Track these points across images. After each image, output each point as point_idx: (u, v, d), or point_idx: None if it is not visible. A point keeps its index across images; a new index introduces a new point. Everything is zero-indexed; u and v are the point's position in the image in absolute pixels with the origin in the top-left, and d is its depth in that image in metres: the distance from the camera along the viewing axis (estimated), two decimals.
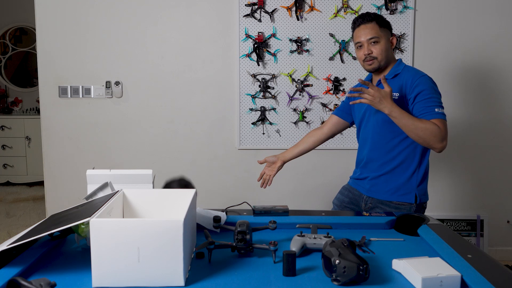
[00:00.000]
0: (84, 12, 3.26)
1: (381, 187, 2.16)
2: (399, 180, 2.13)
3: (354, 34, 2.16)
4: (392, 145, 2.12)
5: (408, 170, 2.12)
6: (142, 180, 1.73)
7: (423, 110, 1.98)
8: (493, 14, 3.26)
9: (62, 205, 1.86)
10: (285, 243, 1.52)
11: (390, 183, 2.14)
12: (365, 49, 2.09)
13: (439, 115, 1.98)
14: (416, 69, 2.16)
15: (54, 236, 1.54)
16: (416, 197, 2.12)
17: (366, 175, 2.22)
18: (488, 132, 3.37)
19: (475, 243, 3.40)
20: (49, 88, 3.32)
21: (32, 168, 5.53)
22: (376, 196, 2.17)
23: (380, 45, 2.09)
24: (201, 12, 3.27)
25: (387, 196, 2.14)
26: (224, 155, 3.40)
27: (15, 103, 5.92)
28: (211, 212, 1.76)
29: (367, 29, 2.09)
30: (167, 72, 3.32)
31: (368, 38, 2.08)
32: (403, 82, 2.08)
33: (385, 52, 2.10)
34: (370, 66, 2.11)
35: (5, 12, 5.83)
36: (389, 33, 2.14)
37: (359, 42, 2.11)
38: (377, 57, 2.09)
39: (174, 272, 1.22)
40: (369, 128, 2.19)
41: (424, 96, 2.00)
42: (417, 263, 1.27)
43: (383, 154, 2.15)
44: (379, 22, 2.10)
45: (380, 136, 2.14)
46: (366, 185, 2.21)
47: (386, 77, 2.11)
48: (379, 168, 2.17)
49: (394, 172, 2.14)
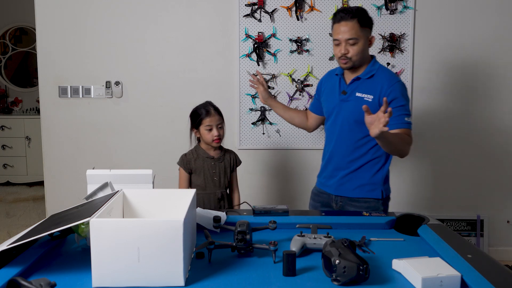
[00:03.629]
0: (84, 12, 3.26)
1: (349, 185, 2.18)
2: (367, 177, 2.17)
3: (334, 28, 2.11)
4: (361, 143, 2.14)
5: (375, 167, 2.16)
6: (142, 180, 1.73)
7: (394, 119, 2.01)
8: (493, 14, 3.26)
9: (62, 205, 1.86)
10: (285, 243, 1.52)
11: (358, 180, 2.17)
12: (342, 48, 2.07)
13: (408, 125, 2.07)
14: (390, 71, 2.18)
15: (54, 236, 1.54)
16: (382, 192, 2.17)
17: (334, 174, 2.23)
18: (488, 132, 3.36)
19: (475, 243, 3.40)
20: (49, 88, 3.32)
21: (32, 168, 5.53)
22: (345, 194, 2.20)
23: (357, 46, 2.06)
24: (201, 12, 3.27)
25: (355, 193, 2.17)
26: None
27: (15, 103, 5.92)
28: (211, 212, 1.76)
29: (347, 28, 2.04)
30: (167, 72, 3.32)
31: (346, 38, 2.04)
32: (379, 86, 2.08)
33: (361, 53, 2.08)
34: (345, 65, 2.11)
35: (5, 12, 5.83)
36: (369, 31, 2.11)
37: (337, 39, 2.08)
38: (352, 58, 2.07)
39: (174, 272, 1.22)
40: (337, 125, 2.20)
41: (397, 103, 2.05)
42: (417, 263, 1.27)
43: (351, 151, 2.17)
44: (361, 20, 2.06)
45: (349, 134, 2.15)
46: (334, 184, 2.23)
47: (360, 77, 2.12)
48: (347, 166, 2.18)
49: (362, 169, 2.17)
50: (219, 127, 2.41)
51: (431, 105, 3.33)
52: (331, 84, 2.28)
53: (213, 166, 2.45)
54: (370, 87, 2.10)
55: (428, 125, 3.34)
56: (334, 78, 2.28)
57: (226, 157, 2.50)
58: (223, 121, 2.46)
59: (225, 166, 2.47)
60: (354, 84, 2.15)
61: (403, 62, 3.26)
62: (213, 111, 2.42)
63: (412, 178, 3.40)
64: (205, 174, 2.43)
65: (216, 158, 2.46)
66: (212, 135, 2.39)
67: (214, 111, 2.43)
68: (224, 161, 2.48)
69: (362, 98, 2.11)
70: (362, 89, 2.13)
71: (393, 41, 3.22)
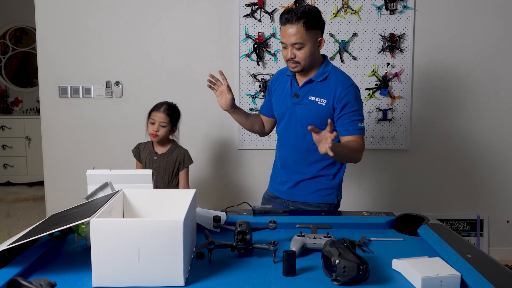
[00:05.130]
0: (84, 12, 3.26)
1: (305, 190, 2.12)
2: (324, 181, 2.11)
3: (281, 30, 1.99)
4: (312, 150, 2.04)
5: (332, 171, 2.11)
6: (142, 180, 1.73)
7: (347, 125, 1.99)
8: (493, 14, 3.26)
9: (62, 205, 1.86)
10: (285, 243, 1.53)
11: (315, 185, 2.11)
12: (288, 52, 1.97)
13: (361, 131, 2.01)
14: (343, 73, 2.08)
15: (54, 236, 1.54)
16: (337, 197, 2.13)
17: (289, 178, 2.15)
18: (488, 132, 3.36)
19: (475, 243, 3.41)
20: (49, 88, 3.32)
21: (32, 168, 5.53)
22: (299, 199, 2.13)
23: (304, 50, 1.96)
24: (201, 12, 3.27)
25: (311, 198, 2.12)
26: (224, 155, 3.40)
27: (15, 103, 5.92)
28: (211, 212, 1.76)
29: (292, 32, 1.93)
30: (167, 72, 3.32)
31: (292, 43, 1.95)
32: (333, 90, 2.01)
33: (310, 57, 1.98)
34: (294, 69, 2.02)
35: (5, 12, 5.83)
36: (319, 33, 2.00)
37: (284, 43, 1.98)
38: (301, 62, 1.98)
39: (174, 272, 1.22)
40: (290, 129, 2.11)
41: (350, 108, 1.99)
42: (417, 263, 1.27)
43: (307, 155, 2.09)
44: (307, 23, 1.93)
45: (304, 138, 2.06)
46: (289, 189, 2.15)
47: (313, 79, 2.04)
48: (303, 170, 2.11)
49: (319, 174, 2.10)
50: (161, 125, 2.53)
51: (430, 105, 3.33)
52: (282, 85, 2.17)
53: (155, 161, 2.53)
54: (323, 91, 2.02)
55: (428, 125, 3.34)
56: (285, 79, 2.16)
57: (172, 154, 2.55)
58: (169, 123, 2.57)
59: (168, 163, 2.52)
60: (307, 87, 2.06)
61: (403, 62, 3.26)
62: (163, 109, 2.56)
63: (412, 178, 3.40)
64: (147, 167, 2.50)
65: (159, 154, 2.52)
66: (152, 129, 2.53)
67: (165, 110, 2.56)
68: (167, 158, 2.51)
69: (316, 102, 2.03)
70: (315, 93, 2.04)
71: (393, 41, 3.22)
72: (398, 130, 3.32)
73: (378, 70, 3.26)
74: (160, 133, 2.54)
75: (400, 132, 3.32)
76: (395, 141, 3.33)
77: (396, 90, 3.28)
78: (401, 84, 3.28)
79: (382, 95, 3.28)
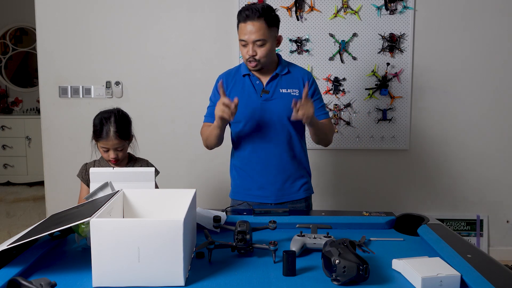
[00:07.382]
0: (84, 12, 3.26)
1: (294, 187, 2.13)
2: (305, 173, 2.17)
3: (240, 28, 1.96)
4: (296, 140, 2.10)
5: (305, 163, 2.17)
6: (145, 178, 1.74)
7: (318, 111, 2.08)
8: (493, 14, 3.26)
9: (62, 205, 1.86)
10: (285, 243, 1.53)
11: (301, 179, 2.15)
12: (249, 50, 1.95)
13: (329, 115, 2.17)
14: (297, 65, 2.19)
15: (54, 236, 1.54)
16: (311, 186, 2.21)
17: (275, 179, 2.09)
18: (488, 132, 3.36)
19: (475, 243, 3.41)
20: (49, 88, 3.32)
21: (32, 168, 5.53)
22: (289, 198, 2.12)
23: (266, 48, 1.95)
24: (201, 13, 3.27)
25: (300, 194, 2.15)
26: (224, 155, 3.40)
27: (16, 103, 5.93)
28: (211, 212, 1.76)
29: (254, 29, 1.91)
30: (167, 72, 3.32)
31: (254, 40, 1.92)
32: (300, 79, 2.09)
33: (270, 54, 1.99)
34: (253, 68, 2.01)
35: (5, 12, 5.83)
36: (277, 30, 2.01)
37: (244, 40, 1.95)
38: (261, 60, 1.97)
39: (174, 272, 1.22)
40: (263, 127, 2.06)
41: (317, 95, 2.12)
42: (417, 263, 1.27)
43: (288, 150, 2.08)
44: (268, 20, 1.92)
45: (283, 133, 2.06)
46: (276, 192, 2.10)
47: (279, 73, 2.06)
48: (288, 167, 2.09)
49: (301, 166, 2.15)
50: (118, 149, 2.09)
51: (430, 105, 3.33)
52: (239, 85, 2.09)
53: None
54: (292, 82, 2.06)
55: (428, 125, 3.34)
56: (239, 79, 2.10)
57: None
58: (125, 142, 2.13)
59: None
60: (274, 81, 2.05)
61: (403, 62, 3.26)
62: (112, 134, 2.06)
63: (412, 178, 3.40)
64: None
65: None
66: (108, 156, 2.11)
67: (114, 134, 2.06)
68: None
69: (289, 94, 2.04)
70: (284, 85, 2.05)
71: (393, 41, 3.22)
72: (398, 130, 3.32)
73: (378, 70, 3.26)
74: (120, 157, 2.11)
75: (400, 132, 3.32)
76: (395, 141, 3.33)
77: (396, 90, 3.28)
78: (401, 84, 3.28)
79: (382, 95, 3.28)
